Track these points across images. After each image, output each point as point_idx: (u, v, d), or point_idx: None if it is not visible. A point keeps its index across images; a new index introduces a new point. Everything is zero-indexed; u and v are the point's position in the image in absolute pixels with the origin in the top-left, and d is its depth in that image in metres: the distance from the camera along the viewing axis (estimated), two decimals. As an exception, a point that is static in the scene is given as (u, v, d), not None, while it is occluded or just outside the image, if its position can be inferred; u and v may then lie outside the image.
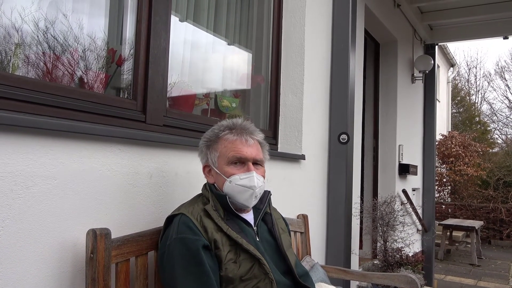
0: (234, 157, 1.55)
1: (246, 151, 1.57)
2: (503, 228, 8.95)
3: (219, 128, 1.63)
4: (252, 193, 1.54)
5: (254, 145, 1.61)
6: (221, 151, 1.58)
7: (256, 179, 1.55)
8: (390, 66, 5.31)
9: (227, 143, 1.58)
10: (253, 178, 1.55)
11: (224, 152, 1.57)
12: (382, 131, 5.30)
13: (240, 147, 1.56)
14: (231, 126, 1.62)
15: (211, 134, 1.63)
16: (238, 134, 1.59)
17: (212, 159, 1.60)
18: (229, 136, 1.59)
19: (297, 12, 2.95)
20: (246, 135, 1.60)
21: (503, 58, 35.77)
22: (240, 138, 1.58)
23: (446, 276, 5.93)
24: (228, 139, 1.58)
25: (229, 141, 1.58)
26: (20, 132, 1.29)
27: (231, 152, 1.56)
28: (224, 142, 1.59)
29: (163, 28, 1.94)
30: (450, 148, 10.46)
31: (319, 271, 2.28)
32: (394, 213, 3.83)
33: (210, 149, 1.61)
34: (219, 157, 1.58)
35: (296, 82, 2.90)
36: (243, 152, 1.56)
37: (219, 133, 1.61)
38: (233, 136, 1.59)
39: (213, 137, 1.62)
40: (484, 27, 5.76)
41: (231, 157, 1.56)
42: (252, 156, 1.58)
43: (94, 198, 1.50)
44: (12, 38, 1.55)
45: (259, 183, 1.57)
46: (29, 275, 1.30)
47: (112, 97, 1.78)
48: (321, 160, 3.08)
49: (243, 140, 1.58)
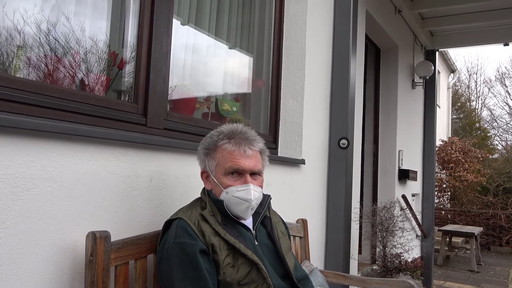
0: (231, 168, 1.53)
1: (243, 163, 1.54)
2: (502, 234, 8.93)
3: (218, 136, 1.59)
4: (248, 206, 1.53)
5: (252, 155, 1.57)
6: (218, 161, 1.56)
7: (253, 192, 1.53)
8: (390, 72, 5.32)
9: (225, 153, 1.55)
10: (249, 190, 1.53)
11: (221, 162, 1.55)
12: (382, 137, 5.30)
13: (238, 159, 1.53)
14: (230, 134, 1.58)
15: (210, 141, 1.60)
16: (237, 144, 1.55)
17: (210, 166, 1.58)
18: (228, 146, 1.55)
19: (299, 17, 2.96)
20: (244, 146, 1.56)
21: (504, 65, 35.93)
22: (238, 149, 1.54)
23: (445, 282, 5.92)
24: (226, 149, 1.55)
25: (227, 151, 1.55)
26: (21, 134, 1.29)
27: (228, 163, 1.53)
28: (222, 151, 1.56)
29: (164, 32, 1.95)
30: (450, 154, 10.46)
31: (318, 276, 2.27)
32: (394, 219, 3.83)
33: (208, 157, 1.59)
34: (217, 166, 1.56)
35: (297, 87, 2.91)
36: (241, 164, 1.53)
37: (217, 141, 1.57)
38: (231, 146, 1.55)
39: (211, 145, 1.59)
40: (485, 34, 5.78)
41: (228, 168, 1.53)
42: (250, 167, 1.55)
43: (94, 200, 1.51)
44: (14, 40, 1.55)
45: (255, 195, 1.54)
46: (29, 277, 1.30)
47: (113, 100, 1.78)
48: (321, 164, 3.08)
49: (241, 151, 1.54)
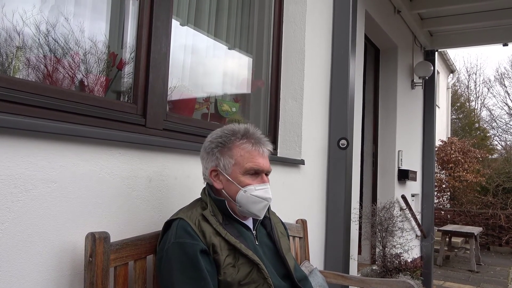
0: (252, 168, 1.54)
1: (263, 163, 1.57)
2: (502, 234, 8.93)
3: (234, 134, 1.58)
4: (266, 204, 1.56)
5: (267, 156, 1.62)
6: (237, 159, 1.55)
7: (270, 191, 1.58)
8: (390, 72, 5.32)
9: (244, 152, 1.55)
10: (268, 190, 1.57)
11: (240, 161, 1.55)
12: (382, 137, 5.30)
13: (258, 158, 1.56)
14: (247, 134, 1.59)
15: (226, 139, 1.58)
16: (256, 144, 1.58)
17: (226, 165, 1.56)
18: (247, 146, 1.56)
19: (298, 18, 2.96)
20: (262, 146, 1.60)
21: (503, 65, 35.97)
22: (257, 149, 1.57)
23: (445, 282, 5.92)
24: (246, 148, 1.56)
25: (246, 151, 1.56)
26: (20, 135, 1.29)
27: (248, 162, 1.54)
28: (240, 150, 1.56)
29: (164, 33, 1.95)
30: (449, 154, 10.46)
31: (318, 276, 2.27)
32: (393, 219, 3.83)
33: (224, 155, 1.56)
34: (235, 165, 1.55)
35: (296, 87, 2.91)
36: (260, 164, 1.56)
37: (235, 140, 1.57)
38: (251, 146, 1.57)
39: (228, 143, 1.57)
40: (484, 34, 5.78)
41: (248, 168, 1.54)
42: (267, 167, 1.59)
43: (94, 201, 1.50)
44: (13, 41, 1.55)
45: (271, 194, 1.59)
46: (28, 278, 1.30)
47: (112, 101, 1.78)
48: (320, 165, 3.08)
49: (260, 151, 1.58)
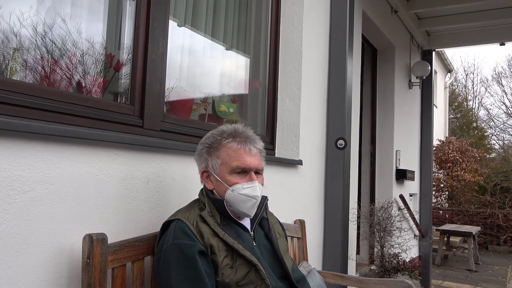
0: (238, 167, 1.55)
1: (249, 161, 1.56)
2: (500, 233, 8.95)
3: (220, 134, 1.60)
4: (255, 203, 1.56)
5: (256, 154, 1.60)
6: (223, 159, 1.56)
7: (258, 189, 1.56)
8: (387, 72, 5.33)
9: (230, 151, 1.56)
10: (256, 187, 1.55)
11: (227, 160, 1.56)
12: (380, 137, 5.31)
13: (244, 157, 1.56)
14: (234, 133, 1.60)
15: (213, 139, 1.60)
16: (242, 142, 1.57)
17: (214, 165, 1.58)
18: (233, 144, 1.57)
19: (295, 18, 2.97)
20: (249, 144, 1.58)
21: (500, 64, 36.09)
22: (243, 147, 1.57)
23: (443, 282, 5.93)
24: (232, 147, 1.57)
25: (232, 149, 1.56)
26: (17, 137, 1.29)
27: (234, 161, 1.55)
28: (227, 150, 1.57)
29: (161, 34, 1.95)
30: (447, 153, 10.48)
31: (316, 277, 2.28)
32: (391, 219, 3.84)
33: (211, 155, 1.59)
34: (221, 164, 1.56)
35: (294, 88, 2.91)
36: (247, 162, 1.55)
37: (221, 140, 1.59)
38: (236, 144, 1.57)
39: (215, 143, 1.59)
40: (481, 34, 5.79)
41: (234, 166, 1.54)
42: (255, 165, 1.58)
43: (91, 203, 1.50)
44: (10, 43, 1.55)
45: (261, 192, 1.58)
46: (25, 280, 1.30)
47: (109, 102, 1.78)
48: (318, 165, 3.08)
49: (246, 150, 1.57)
